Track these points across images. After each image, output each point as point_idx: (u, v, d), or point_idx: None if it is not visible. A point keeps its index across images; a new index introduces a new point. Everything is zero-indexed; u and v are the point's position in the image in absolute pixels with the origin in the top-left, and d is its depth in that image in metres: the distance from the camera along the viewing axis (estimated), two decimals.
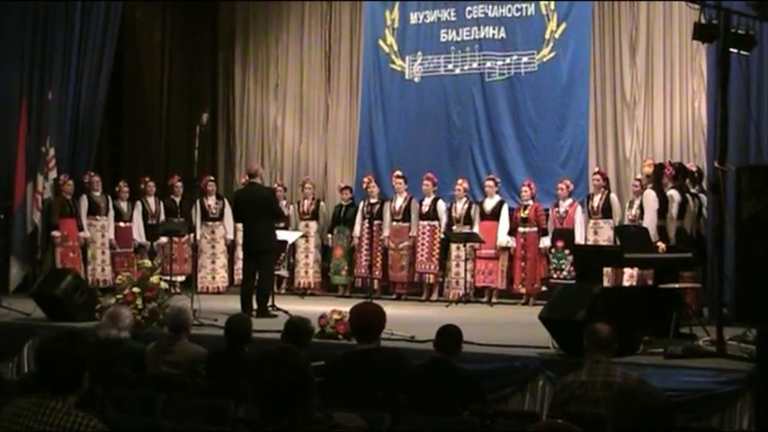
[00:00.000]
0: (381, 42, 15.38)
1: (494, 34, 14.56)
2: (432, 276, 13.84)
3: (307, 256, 14.64)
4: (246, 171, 12.71)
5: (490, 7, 14.59)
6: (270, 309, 11.16)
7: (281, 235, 12.22)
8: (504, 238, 13.38)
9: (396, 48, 15.26)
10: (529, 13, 14.36)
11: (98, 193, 14.12)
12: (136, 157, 16.18)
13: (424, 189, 13.88)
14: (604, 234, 12.57)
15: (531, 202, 13.34)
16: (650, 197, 11.21)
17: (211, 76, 17.22)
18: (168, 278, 11.04)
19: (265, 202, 11.39)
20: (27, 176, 13.83)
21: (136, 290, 10.01)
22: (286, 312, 10.45)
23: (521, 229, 13.33)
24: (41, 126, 14.08)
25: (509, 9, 14.49)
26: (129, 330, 7.43)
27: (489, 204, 13.55)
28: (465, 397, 5.90)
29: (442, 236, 13.75)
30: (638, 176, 12.51)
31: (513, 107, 14.37)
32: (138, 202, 14.47)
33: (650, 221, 10.93)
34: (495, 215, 13.46)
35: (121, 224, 14.27)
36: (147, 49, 16.60)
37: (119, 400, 5.99)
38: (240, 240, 14.16)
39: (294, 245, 14.16)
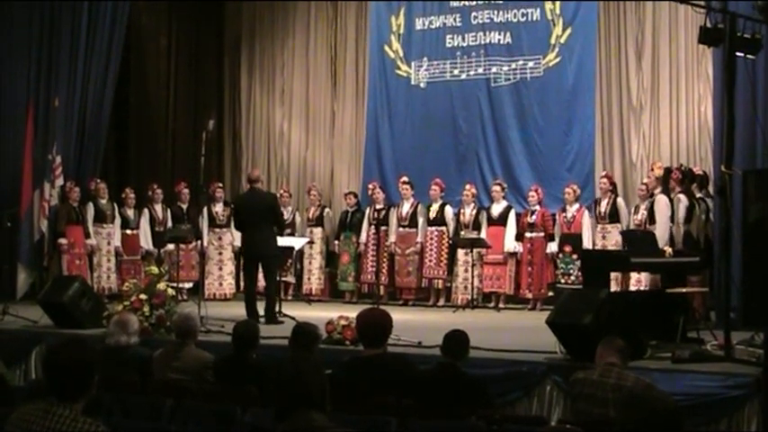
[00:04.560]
0: (387, 48, 15.39)
1: (499, 39, 14.57)
2: (440, 282, 13.84)
3: (311, 263, 14.65)
4: (247, 177, 12.65)
5: (496, 13, 14.60)
6: (277, 315, 11.16)
7: (288, 241, 12.22)
8: (511, 244, 13.37)
9: (401, 53, 15.27)
10: (534, 18, 14.37)
11: (104, 201, 14.14)
12: (142, 164, 16.19)
13: (431, 194, 13.88)
14: (612, 239, 12.53)
15: (537, 207, 13.33)
16: (662, 202, 11.21)
17: (217, 81, 17.24)
18: (175, 285, 11.03)
19: (267, 208, 11.37)
20: (34, 184, 13.83)
21: (143, 297, 10.01)
22: (293, 318, 10.44)
23: (528, 235, 13.32)
24: (48, 133, 14.09)
25: (514, 14, 14.49)
26: (137, 336, 7.45)
27: (496, 210, 13.55)
28: (472, 401, 5.90)
29: (450, 241, 13.76)
30: (645, 181, 12.48)
31: (520, 112, 14.37)
32: (146, 209, 14.48)
33: (663, 227, 10.92)
34: (502, 220, 13.46)
35: (128, 231, 14.28)
36: (153, 55, 16.62)
37: (126, 406, 5.99)
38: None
39: (301, 251, 14.16)
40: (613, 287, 10.50)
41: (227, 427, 5.64)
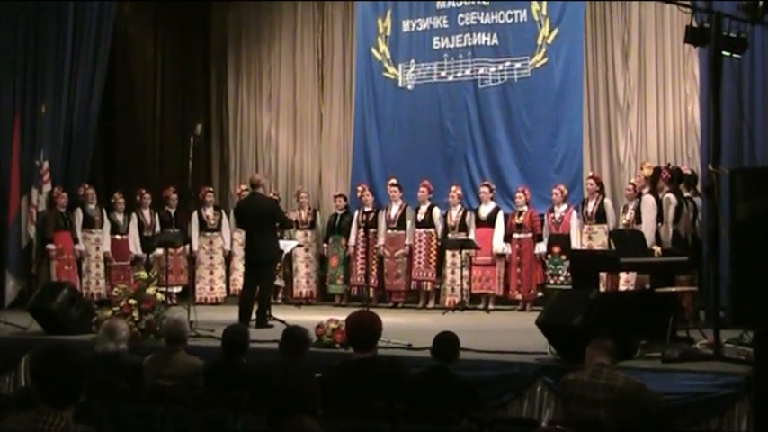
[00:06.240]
0: (374, 50, 15.37)
1: (486, 41, 14.57)
2: (429, 284, 13.84)
3: (307, 266, 14.63)
4: (249, 181, 12.53)
5: (482, 14, 14.60)
6: (267, 319, 11.14)
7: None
8: (499, 245, 13.37)
9: (388, 56, 15.26)
10: (521, 20, 14.37)
11: (92, 206, 14.09)
12: (130, 170, 16.14)
13: (419, 196, 13.88)
14: (599, 239, 12.56)
15: (525, 208, 13.34)
16: (649, 203, 11.21)
17: (204, 87, 17.22)
18: (164, 290, 11.00)
19: (268, 213, 11.36)
20: (21, 190, 13.80)
21: (132, 302, 9.99)
22: (283, 322, 10.41)
23: (516, 236, 13.33)
24: (35, 139, 14.06)
25: (501, 15, 14.49)
26: (126, 343, 7.42)
27: (485, 211, 13.55)
28: (463, 404, 5.89)
29: (439, 243, 13.76)
30: (632, 181, 12.52)
31: (507, 113, 14.37)
32: (134, 215, 14.45)
33: (650, 226, 10.94)
34: (490, 222, 13.45)
35: (117, 237, 14.23)
36: (140, 61, 16.59)
37: (116, 413, 5.98)
38: (237, 251, 14.20)
39: (290, 255, 14.14)
40: (602, 287, 10.51)
41: None
